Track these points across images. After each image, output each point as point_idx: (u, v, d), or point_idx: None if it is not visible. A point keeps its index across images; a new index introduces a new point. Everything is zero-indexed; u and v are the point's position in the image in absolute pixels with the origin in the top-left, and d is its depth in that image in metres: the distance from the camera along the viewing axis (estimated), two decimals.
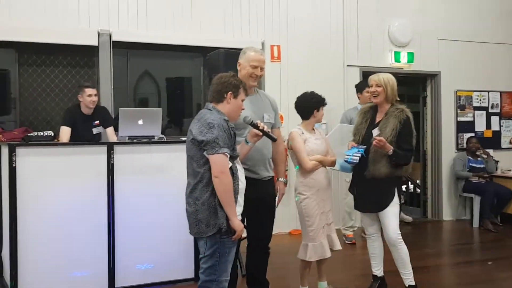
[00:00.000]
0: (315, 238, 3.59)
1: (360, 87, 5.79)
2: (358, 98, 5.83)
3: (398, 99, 3.81)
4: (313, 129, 3.82)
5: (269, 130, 3.08)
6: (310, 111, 3.73)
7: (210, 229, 2.60)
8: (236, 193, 2.64)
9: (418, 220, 6.99)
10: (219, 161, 2.55)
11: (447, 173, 7.13)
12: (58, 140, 4.56)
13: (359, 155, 3.58)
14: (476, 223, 6.59)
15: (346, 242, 5.71)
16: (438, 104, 7.18)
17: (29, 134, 4.75)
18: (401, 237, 3.67)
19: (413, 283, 3.72)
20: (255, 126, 2.95)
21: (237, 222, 2.63)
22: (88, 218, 3.77)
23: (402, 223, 6.67)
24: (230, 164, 2.62)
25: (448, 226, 6.84)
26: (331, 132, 4.89)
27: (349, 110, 5.85)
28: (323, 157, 3.71)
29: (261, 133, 2.95)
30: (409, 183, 6.87)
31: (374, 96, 3.75)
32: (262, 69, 3.34)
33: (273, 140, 3.14)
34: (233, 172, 2.63)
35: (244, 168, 3.12)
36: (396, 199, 3.69)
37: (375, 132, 3.68)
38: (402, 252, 3.67)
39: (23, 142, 4.04)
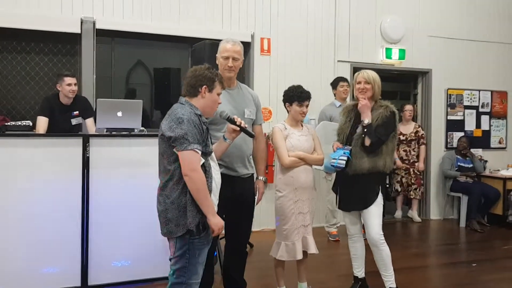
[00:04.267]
0: (288, 238, 3.49)
1: (334, 83, 5.87)
2: (334, 94, 5.86)
3: (380, 97, 3.75)
4: (301, 125, 3.69)
5: (246, 125, 2.95)
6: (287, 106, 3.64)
7: (179, 229, 2.48)
8: (209, 192, 2.51)
9: (405, 219, 6.94)
10: (188, 158, 2.42)
11: (435, 171, 7.08)
12: (35, 131, 4.43)
13: (345, 158, 3.52)
14: (463, 223, 6.56)
15: (330, 239, 5.70)
16: (428, 102, 7.12)
17: (6, 124, 4.64)
18: (383, 238, 3.60)
19: (394, 285, 3.64)
20: (232, 121, 2.83)
21: (214, 220, 2.50)
22: (61, 213, 3.65)
23: (411, 221, 6.72)
24: (203, 160, 2.49)
25: (435, 225, 6.80)
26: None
27: (327, 107, 5.79)
28: (306, 154, 3.56)
29: (238, 129, 2.83)
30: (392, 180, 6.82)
31: (362, 93, 3.66)
32: (235, 59, 3.18)
33: (251, 136, 3.04)
34: (205, 169, 2.50)
35: (222, 165, 3.02)
36: (380, 198, 3.62)
37: (359, 128, 3.62)
38: (383, 253, 3.60)
39: None
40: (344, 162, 3.51)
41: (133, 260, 3.89)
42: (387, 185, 6.61)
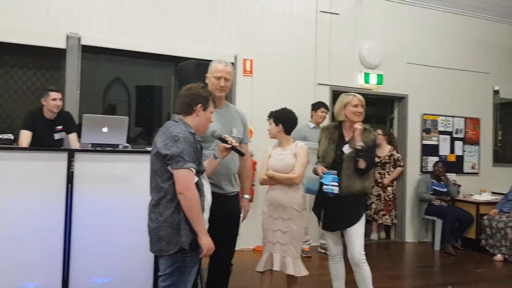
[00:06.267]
0: (263, 250, 3.70)
1: (316, 106, 6.06)
2: (311, 115, 6.04)
3: None
4: (287, 145, 3.74)
5: (237, 144, 3.02)
6: None
7: (171, 247, 2.48)
8: (201, 209, 2.54)
9: (381, 241, 7.05)
10: (183, 177, 2.44)
11: (410, 195, 7.25)
12: (18, 144, 4.38)
13: (336, 184, 3.60)
14: (437, 246, 6.70)
15: (302, 255, 5.72)
16: (404, 127, 7.32)
17: None
18: (365, 257, 3.66)
19: None
20: (224, 140, 2.89)
21: (205, 240, 2.52)
22: (43, 227, 3.59)
23: (386, 243, 6.83)
24: (196, 179, 2.52)
25: (410, 247, 6.92)
26: None
27: (302, 127, 5.89)
28: (273, 173, 3.66)
29: (229, 147, 2.89)
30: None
31: (359, 116, 3.76)
32: (226, 79, 3.27)
33: (242, 154, 3.10)
34: (198, 187, 2.53)
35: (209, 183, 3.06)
36: (363, 218, 3.71)
37: (346, 148, 3.71)
38: (365, 273, 3.66)
39: None
40: (337, 188, 3.60)
41: (113, 277, 3.84)
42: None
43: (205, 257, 2.62)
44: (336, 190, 3.59)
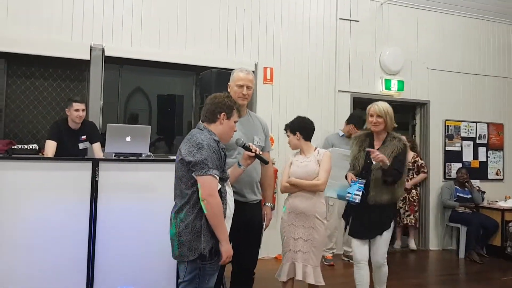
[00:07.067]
0: (283, 258, 3.68)
1: (349, 121, 6.03)
2: (345, 125, 6.00)
3: (396, 125, 3.93)
4: (310, 152, 3.74)
5: (261, 152, 3.04)
6: None
7: (192, 253, 2.50)
8: (224, 216, 2.56)
9: (404, 249, 6.96)
10: (207, 183, 2.47)
11: (434, 202, 7.14)
12: (43, 154, 4.47)
13: (360, 193, 3.65)
14: (462, 254, 6.58)
15: (325, 263, 5.80)
16: (427, 133, 7.23)
17: (13, 147, 4.67)
18: (386, 259, 3.84)
19: None
20: (248, 148, 2.91)
21: (226, 247, 2.54)
22: (68, 236, 3.64)
23: (410, 251, 6.79)
24: (220, 186, 2.54)
25: (434, 255, 6.81)
26: None
27: (332, 136, 5.93)
28: (297, 180, 3.64)
29: (253, 156, 2.91)
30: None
31: (375, 126, 3.79)
32: (248, 88, 3.30)
33: (265, 163, 3.11)
34: (221, 195, 2.55)
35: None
36: (392, 225, 3.79)
37: (378, 165, 3.72)
38: (384, 273, 3.85)
39: (5, 154, 3.94)
40: (359, 197, 3.64)
41: (136, 285, 3.87)
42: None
43: (224, 264, 2.63)
44: (357, 199, 3.63)
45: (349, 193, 3.69)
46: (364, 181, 3.69)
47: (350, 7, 6.75)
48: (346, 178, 3.89)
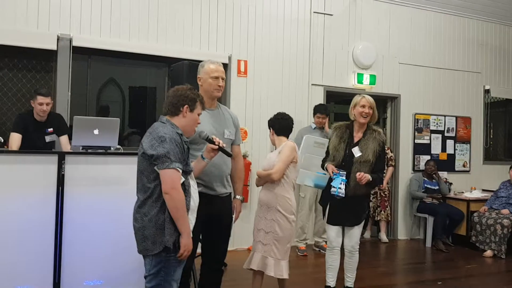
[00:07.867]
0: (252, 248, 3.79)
1: (314, 111, 6.06)
2: (318, 117, 5.98)
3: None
4: (280, 145, 3.78)
5: (225, 145, 3.02)
6: None
7: (156, 246, 2.49)
8: (187, 210, 2.54)
9: (374, 239, 7.09)
10: (169, 177, 2.45)
11: (403, 193, 7.29)
12: (8, 147, 4.36)
13: (344, 187, 3.78)
14: (429, 243, 6.77)
15: (299, 254, 5.91)
16: (397, 126, 7.36)
17: None
18: (358, 247, 4.03)
19: (352, 286, 4.02)
20: (211, 141, 2.90)
21: (186, 240, 2.52)
22: (34, 230, 3.58)
23: (379, 241, 6.91)
24: (183, 179, 2.52)
25: (402, 245, 6.97)
26: (301, 147, 4.88)
27: (304, 129, 6.00)
28: (259, 170, 3.80)
29: (217, 148, 2.90)
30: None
31: (365, 117, 3.86)
32: (223, 79, 3.30)
33: (229, 155, 3.10)
34: (185, 188, 2.54)
35: (201, 184, 3.08)
36: (364, 215, 4.04)
37: (356, 151, 3.86)
38: (355, 260, 4.02)
39: None
40: (343, 191, 3.79)
41: (106, 279, 3.84)
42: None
43: (182, 258, 2.58)
44: (342, 193, 3.77)
45: (333, 187, 3.80)
46: (345, 172, 3.81)
47: (324, 1, 6.77)
48: (324, 168, 3.98)
